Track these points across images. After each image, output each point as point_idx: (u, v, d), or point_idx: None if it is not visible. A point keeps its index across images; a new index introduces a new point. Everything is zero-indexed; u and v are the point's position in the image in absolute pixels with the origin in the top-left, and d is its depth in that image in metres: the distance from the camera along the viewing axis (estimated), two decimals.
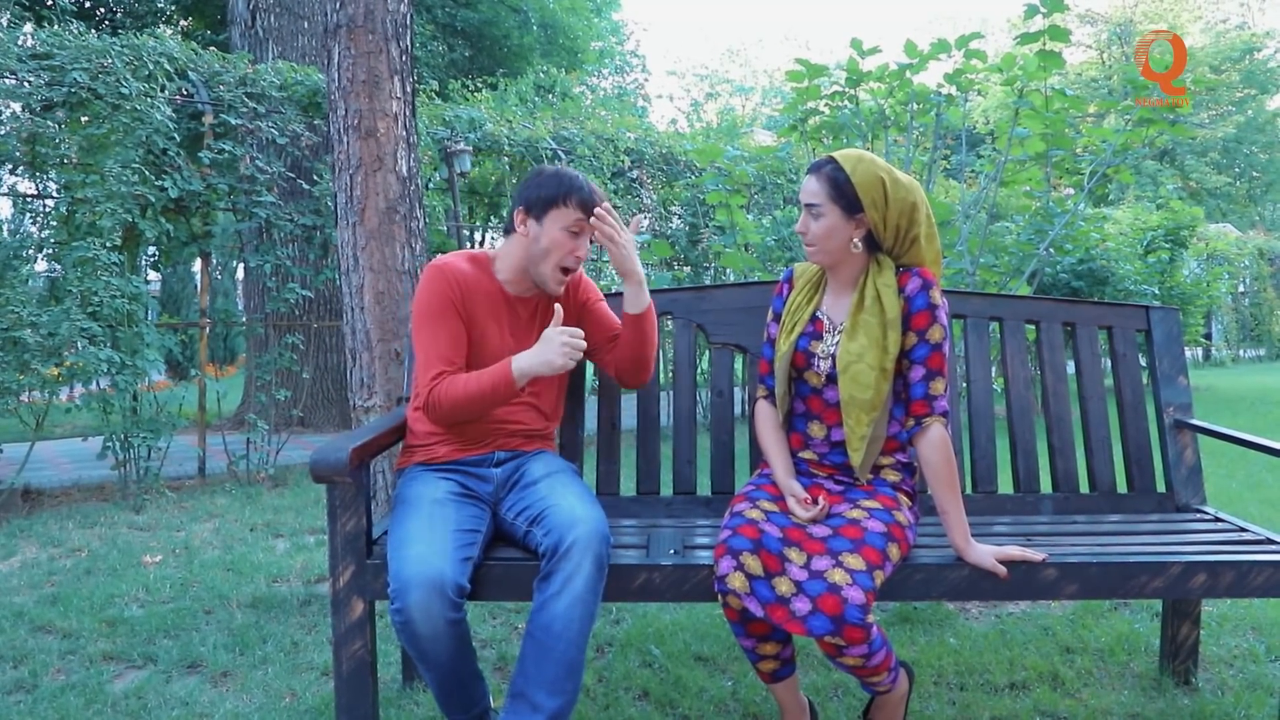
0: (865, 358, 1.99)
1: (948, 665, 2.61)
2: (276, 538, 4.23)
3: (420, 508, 2.00)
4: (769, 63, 49.03)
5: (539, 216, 2.17)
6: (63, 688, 2.51)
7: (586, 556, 1.90)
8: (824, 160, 2.05)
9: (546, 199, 2.16)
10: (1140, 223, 10.16)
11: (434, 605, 1.82)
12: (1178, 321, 2.64)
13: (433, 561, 1.84)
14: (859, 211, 2.00)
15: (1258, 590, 2.00)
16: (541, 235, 2.17)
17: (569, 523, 1.94)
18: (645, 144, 8.14)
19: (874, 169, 2.00)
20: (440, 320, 2.13)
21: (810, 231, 2.03)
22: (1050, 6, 3.55)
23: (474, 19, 16.11)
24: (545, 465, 2.20)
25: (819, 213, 2.01)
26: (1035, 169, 4.02)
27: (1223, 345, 17.39)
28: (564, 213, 2.16)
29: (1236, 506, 4.46)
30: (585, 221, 2.17)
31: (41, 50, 4.90)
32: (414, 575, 1.82)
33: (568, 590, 1.88)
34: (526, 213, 2.19)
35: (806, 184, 2.04)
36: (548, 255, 2.18)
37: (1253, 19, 31.49)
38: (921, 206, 2.05)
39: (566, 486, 2.11)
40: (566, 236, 2.17)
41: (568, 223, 2.16)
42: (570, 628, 1.87)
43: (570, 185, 2.16)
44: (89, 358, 4.65)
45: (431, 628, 1.83)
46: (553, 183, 2.17)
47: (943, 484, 1.99)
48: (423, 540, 1.90)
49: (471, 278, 2.19)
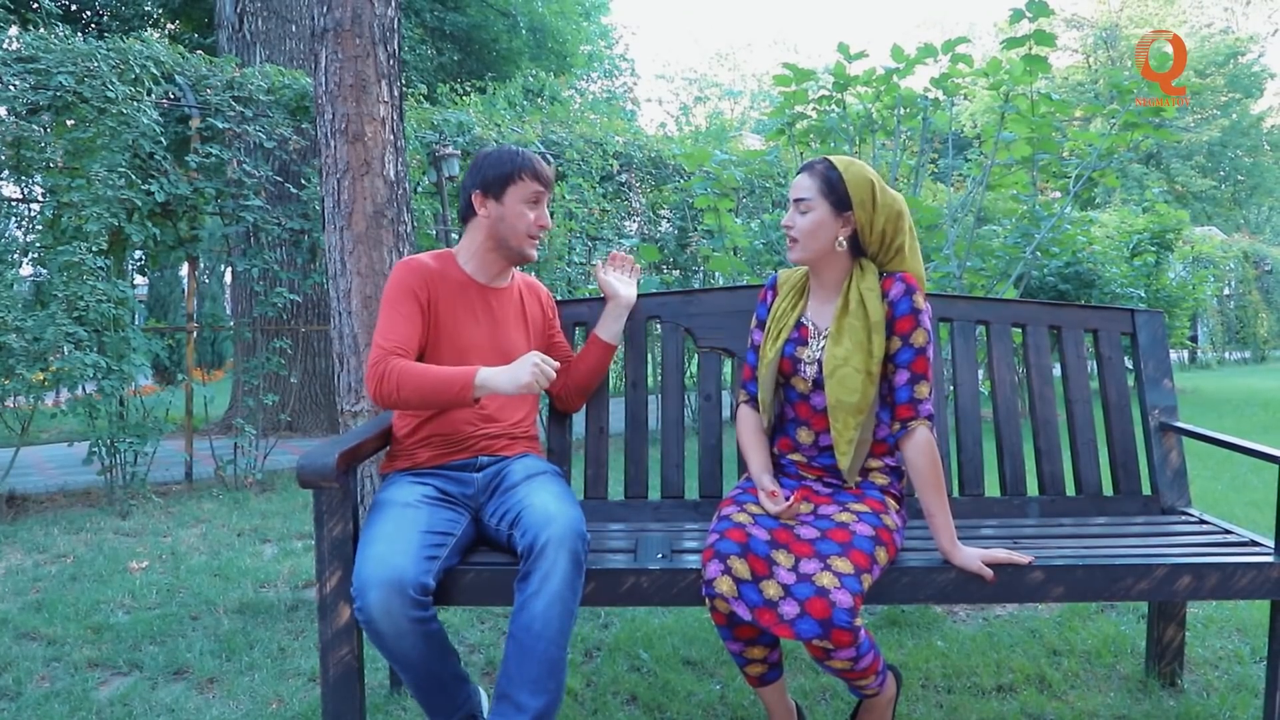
0: (851, 361, 2.00)
1: (935, 668, 2.61)
2: (264, 543, 4.22)
3: (390, 511, 2.01)
4: (757, 67, 49.12)
5: (498, 195, 2.23)
6: (47, 695, 2.49)
7: (561, 554, 1.89)
8: (816, 160, 2.08)
9: (503, 177, 2.23)
10: (1126, 226, 10.22)
11: (393, 604, 1.82)
12: (1163, 324, 2.66)
13: (392, 560, 1.85)
14: (847, 209, 2.03)
15: (1243, 592, 2.01)
16: (505, 213, 2.23)
17: (543, 521, 1.94)
18: (634, 148, 8.15)
19: (865, 172, 2.04)
20: (396, 306, 2.16)
21: (797, 225, 2.05)
22: (1036, 11, 3.57)
23: (462, 23, 16.10)
24: (526, 468, 2.20)
25: (808, 207, 2.04)
26: (1022, 173, 4.04)
27: (1208, 348, 17.51)
28: (521, 186, 2.23)
29: (1221, 509, 4.49)
30: (543, 192, 2.26)
31: (27, 53, 4.88)
32: (371, 575, 1.83)
33: (545, 589, 1.88)
34: (485, 194, 2.24)
35: (798, 180, 2.07)
36: (514, 230, 2.24)
37: (1237, 23, 31.78)
38: (907, 218, 2.08)
39: (544, 487, 2.11)
40: (527, 208, 2.24)
41: (526, 195, 2.24)
42: (550, 626, 1.87)
43: (522, 160, 2.24)
44: (75, 362, 4.62)
45: (393, 626, 1.83)
46: (505, 161, 2.24)
47: (929, 487, 1.99)
48: (384, 541, 1.90)
49: (437, 270, 2.24)
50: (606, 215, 7.59)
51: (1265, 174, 28.88)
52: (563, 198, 6.95)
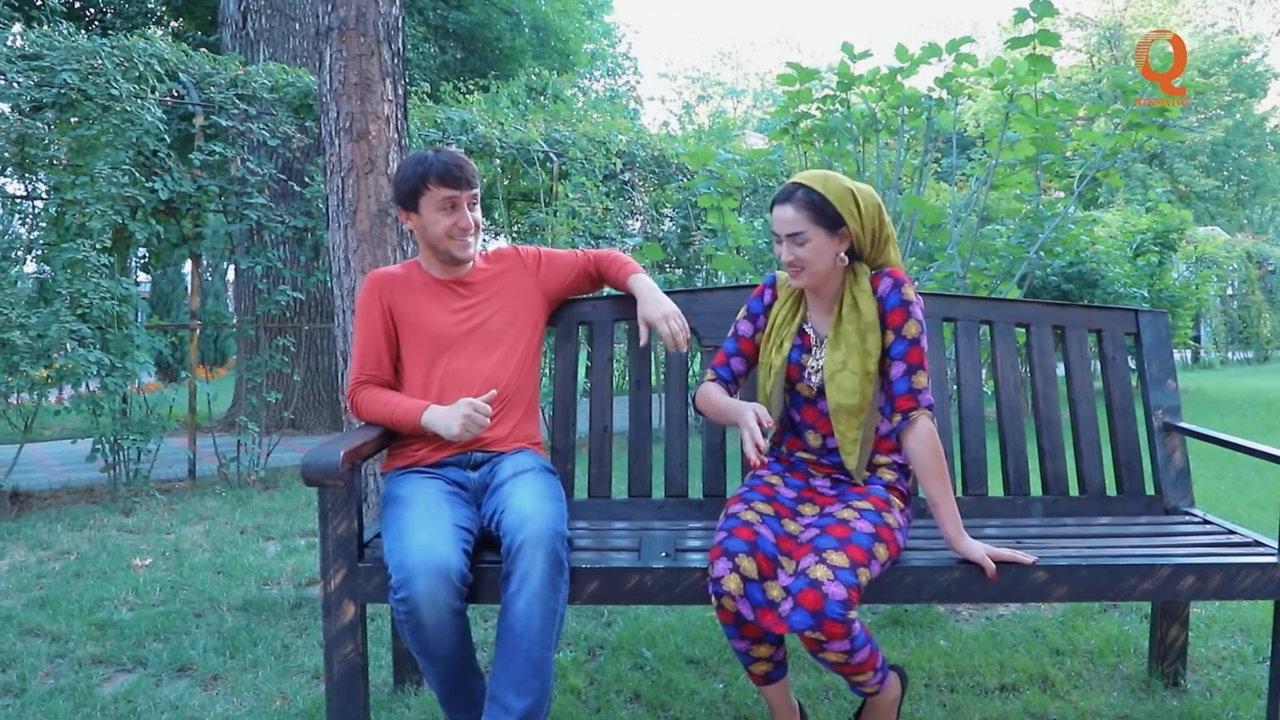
0: (849, 365, 2.02)
1: (938, 667, 2.62)
2: (267, 540, 4.22)
3: (416, 503, 2.01)
4: (761, 66, 49.08)
5: (413, 207, 2.27)
6: (51, 691, 2.50)
7: (538, 553, 1.88)
8: (790, 188, 2.03)
9: (411, 190, 2.25)
10: (1129, 226, 10.21)
11: (440, 593, 1.82)
12: (1166, 324, 2.66)
13: (438, 549, 1.85)
14: (840, 226, 2.02)
15: (1246, 592, 2.01)
16: (423, 222, 2.27)
17: (519, 522, 1.93)
18: (637, 146, 8.14)
19: (840, 181, 2.02)
20: (362, 325, 2.30)
21: (798, 258, 2.02)
22: (1040, 11, 3.56)
23: (466, 21, 16.10)
24: (514, 465, 2.18)
25: (804, 239, 2.01)
26: (1025, 172, 4.04)
27: (1211, 348, 17.49)
28: (431, 195, 2.23)
29: (1225, 509, 4.48)
30: (456, 194, 2.23)
31: (31, 51, 4.88)
32: (420, 563, 1.83)
33: (524, 589, 1.87)
34: (403, 208, 2.29)
35: (780, 215, 2.03)
36: (437, 236, 2.27)
37: (1240, 23, 31.68)
38: (883, 205, 2.10)
39: (525, 486, 2.07)
40: (443, 215, 2.25)
41: (437, 202, 2.24)
42: (531, 625, 1.86)
43: (425, 168, 2.23)
44: (78, 360, 4.63)
45: (437, 617, 1.83)
46: (409, 173, 2.25)
47: (932, 476, 2.00)
48: (425, 530, 1.90)
49: (400, 277, 2.33)
50: (609, 214, 7.59)
51: (1269, 174, 28.82)
52: (565, 196, 6.95)
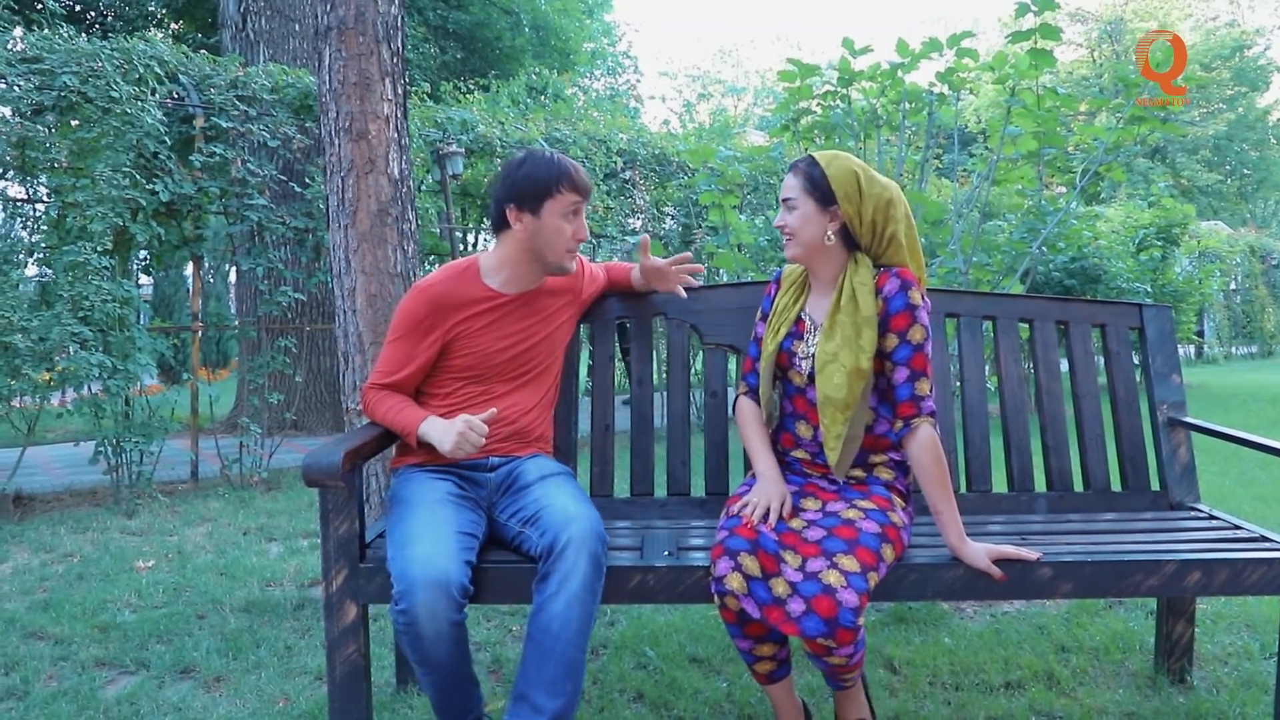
0: (839, 357, 1.99)
1: (943, 665, 2.61)
2: (270, 541, 4.22)
3: (420, 508, 2.00)
4: (761, 63, 49.08)
5: (534, 209, 2.12)
6: (54, 694, 2.49)
7: (582, 555, 1.88)
8: (802, 158, 2.09)
9: (539, 190, 2.10)
10: (1132, 220, 10.18)
11: (440, 606, 1.81)
12: (1170, 319, 2.65)
13: (437, 562, 1.84)
14: (832, 204, 2.03)
15: (1252, 588, 2.00)
16: (541, 227, 2.13)
17: (563, 522, 1.93)
18: (638, 145, 8.13)
19: (849, 165, 2.03)
20: (397, 340, 2.18)
21: (787, 224, 2.07)
22: (1041, 5, 3.55)
23: (466, 21, 16.10)
24: (540, 468, 2.20)
25: (794, 205, 2.06)
26: (1027, 167, 4.02)
27: (1215, 343, 17.45)
28: (559, 200, 2.12)
29: (1230, 504, 4.47)
30: (581, 202, 2.15)
31: (31, 54, 4.87)
32: (420, 576, 1.81)
33: (565, 590, 1.87)
34: (520, 208, 2.13)
35: (785, 181, 2.10)
36: (552, 244, 2.15)
37: (1242, 16, 31.61)
38: (899, 204, 2.06)
39: (560, 488, 2.10)
40: (565, 221, 2.14)
41: (564, 208, 2.13)
42: (568, 628, 1.86)
43: (559, 171, 2.11)
44: (80, 362, 4.62)
45: (435, 629, 1.82)
46: (541, 172, 2.11)
47: (934, 484, 1.99)
48: (427, 539, 1.89)
49: (454, 292, 2.17)
50: (610, 212, 7.59)
51: (1271, 168, 28.77)
52: None
